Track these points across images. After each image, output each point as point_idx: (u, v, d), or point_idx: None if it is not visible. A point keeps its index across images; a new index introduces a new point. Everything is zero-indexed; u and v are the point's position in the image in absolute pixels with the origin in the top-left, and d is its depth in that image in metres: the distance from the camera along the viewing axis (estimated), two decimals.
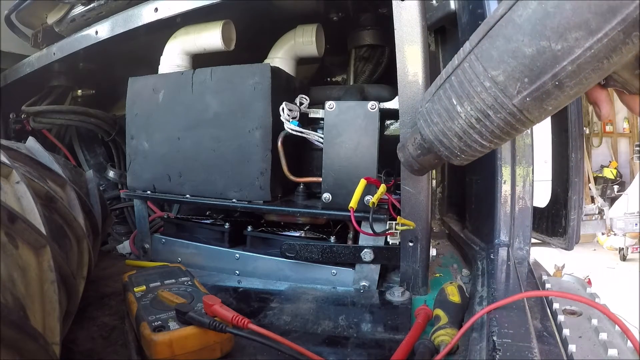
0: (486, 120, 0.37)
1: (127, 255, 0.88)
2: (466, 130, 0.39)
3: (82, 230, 0.51)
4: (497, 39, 0.35)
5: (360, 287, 0.66)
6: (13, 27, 1.09)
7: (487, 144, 0.39)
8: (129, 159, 0.83)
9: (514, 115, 0.36)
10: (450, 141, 0.41)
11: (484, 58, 0.36)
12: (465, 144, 0.40)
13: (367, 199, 0.64)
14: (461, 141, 0.40)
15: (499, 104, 0.36)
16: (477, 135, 0.39)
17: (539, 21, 0.32)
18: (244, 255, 0.73)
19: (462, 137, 0.40)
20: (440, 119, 0.41)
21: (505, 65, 0.35)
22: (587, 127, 5.44)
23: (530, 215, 0.65)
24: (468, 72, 0.38)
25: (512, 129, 0.37)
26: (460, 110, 0.39)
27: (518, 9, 0.34)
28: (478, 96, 0.37)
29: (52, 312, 0.36)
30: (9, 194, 0.40)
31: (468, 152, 0.41)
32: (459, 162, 0.44)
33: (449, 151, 0.42)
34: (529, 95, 0.34)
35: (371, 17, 0.90)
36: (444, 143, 0.42)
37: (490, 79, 0.36)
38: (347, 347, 0.49)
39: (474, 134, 0.39)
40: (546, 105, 0.35)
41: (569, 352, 0.41)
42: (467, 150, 0.41)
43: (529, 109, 0.35)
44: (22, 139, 0.79)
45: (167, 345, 0.42)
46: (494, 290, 0.50)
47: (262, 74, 0.69)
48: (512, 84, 0.35)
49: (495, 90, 0.36)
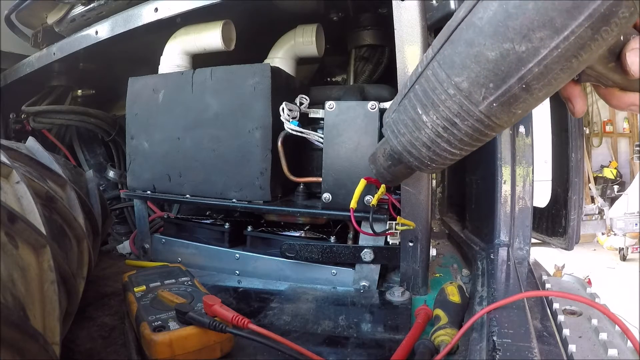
0: (453, 128, 0.36)
1: (127, 255, 0.87)
2: (434, 139, 0.38)
3: (82, 230, 0.51)
4: (458, 43, 0.34)
5: (360, 287, 0.67)
6: (13, 27, 1.09)
7: (457, 151, 0.38)
8: (129, 159, 0.83)
9: (481, 122, 0.35)
10: (419, 151, 0.40)
11: (446, 64, 0.35)
12: (434, 154, 0.39)
13: (367, 199, 0.65)
14: (430, 151, 0.39)
15: (464, 111, 0.35)
16: (445, 144, 0.38)
17: (500, 23, 0.31)
18: (244, 255, 0.73)
19: (430, 146, 0.39)
20: (407, 130, 0.40)
21: (468, 71, 0.33)
22: (587, 127, 5.44)
23: (530, 215, 0.65)
24: (431, 79, 0.36)
25: (482, 135, 0.36)
26: (426, 120, 0.38)
27: (478, 11, 0.32)
28: (443, 104, 0.36)
29: (52, 312, 0.36)
30: (9, 194, 0.40)
31: (438, 162, 0.40)
32: (430, 171, 0.42)
33: (418, 161, 0.41)
34: (496, 100, 0.33)
35: (371, 17, 0.90)
36: (412, 154, 0.40)
37: (454, 86, 0.34)
38: (347, 347, 0.49)
39: (442, 143, 0.38)
40: (515, 109, 0.34)
41: (569, 352, 0.41)
42: (437, 159, 0.40)
43: (497, 114, 0.34)
44: (22, 139, 0.79)
45: (167, 345, 0.42)
46: (494, 290, 0.50)
47: (262, 74, 0.69)
48: (477, 90, 0.33)
49: (460, 98, 0.34)
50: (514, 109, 0.34)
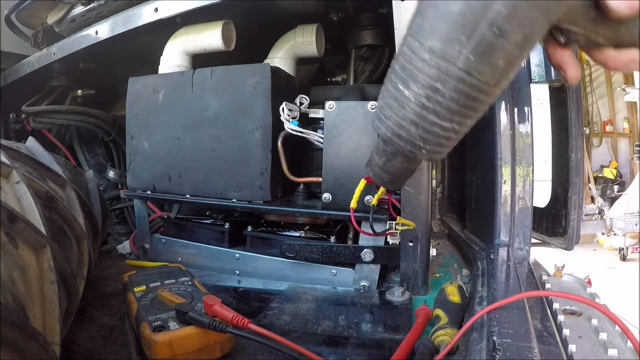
0: (437, 95, 0.34)
1: (127, 255, 0.87)
2: (420, 113, 0.36)
3: (82, 230, 0.51)
4: (426, 10, 0.34)
5: (360, 287, 0.66)
6: (13, 27, 1.09)
7: (449, 124, 0.36)
8: (129, 159, 0.83)
9: (463, 81, 0.33)
10: (408, 132, 0.37)
11: (418, 34, 0.34)
12: (424, 130, 0.37)
13: (367, 199, 0.64)
14: (419, 128, 0.37)
15: (443, 72, 0.33)
16: (433, 116, 0.35)
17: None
18: (244, 255, 0.73)
19: (418, 122, 0.36)
20: (392, 111, 0.38)
21: (439, 31, 0.33)
22: (587, 127, 5.44)
23: (530, 215, 0.65)
24: (407, 53, 0.35)
25: (470, 98, 0.34)
26: (408, 94, 0.36)
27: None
28: (421, 72, 0.34)
29: (52, 312, 0.36)
30: (9, 194, 0.40)
31: (432, 141, 0.37)
32: (427, 157, 0.40)
33: (410, 144, 0.38)
34: (472, 52, 0.32)
35: (371, 17, 0.90)
36: (402, 137, 0.38)
37: (428, 50, 0.33)
38: (347, 347, 0.49)
39: (430, 115, 0.36)
40: (494, 59, 0.32)
41: (569, 352, 0.41)
42: (429, 137, 0.37)
43: (477, 67, 0.33)
44: (22, 139, 0.79)
45: (167, 345, 0.42)
46: (494, 290, 0.50)
47: (262, 74, 0.69)
48: (451, 47, 0.32)
49: (436, 59, 0.33)
50: (494, 60, 0.33)
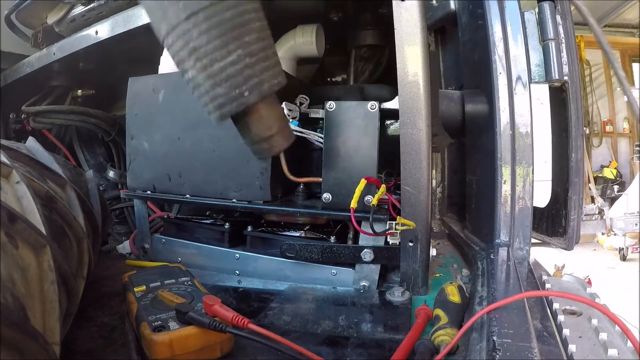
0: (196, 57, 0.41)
1: (127, 255, 0.87)
2: (206, 74, 0.42)
3: (82, 230, 0.51)
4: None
5: (360, 287, 0.66)
6: (13, 27, 1.09)
7: (232, 56, 0.41)
8: (129, 159, 0.83)
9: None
10: (221, 96, 0.42)
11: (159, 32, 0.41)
12: (223, 80, 0.42)
13: (368, 199, 0.64)
14: (219, 84, 0.42)
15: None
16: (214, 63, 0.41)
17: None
18: (244, 255, 0.73)
19: (215, 81, 0.42)
20: (199, 95, 0.44)
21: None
22: (587, 127, 5.44)
23: (530, 215, 0.65)
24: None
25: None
26: (188, 76, 0.43)
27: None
28: (176, 55, 0.42)
29: (52, 312, 0.36)
30: (9, 194, 0.40)
31: (239, 80, 0.42)
32: (258, 95, 0.43)
33: (233, 100, 0.42)
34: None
35: (371, 17, 0.90)
36: (224, 104, 0.43)
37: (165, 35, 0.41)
38: (347, 347, 0.49)
39: (212, 65, 0.41)
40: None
41: (569, 352, 0.41)
42: (235, 81, 0.42)
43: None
44: (22, 139, 0.79)
45: (167, 345, 0.42)
46: (494, 290, 0.50)
47: None
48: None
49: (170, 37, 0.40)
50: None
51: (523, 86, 0.64)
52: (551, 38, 0.62)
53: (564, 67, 0.62)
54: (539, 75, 0.64)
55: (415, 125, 0.59)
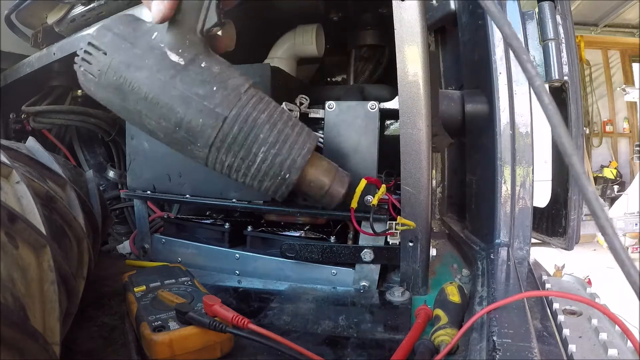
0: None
1: (127, 255, 0.87)
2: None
3: (82, 230, 0.51)
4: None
5: (360, 287, 0.66)
6: (13, 27, 1.09)
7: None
8: (129, 159, 0.83)
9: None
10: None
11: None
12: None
13: (368, 199, 0.64)
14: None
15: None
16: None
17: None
18: (244, 255, 0.73)
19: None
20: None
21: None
22: (587, 127, 5.45)
23: (530, 215, 0.65)
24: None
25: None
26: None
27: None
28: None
29: (52, 312, 0.36)
30: (9, 194, 0.40)
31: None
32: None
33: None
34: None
35: (371, 17, 0.90)
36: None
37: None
38: (347, 347, 0.49)
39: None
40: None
41: (569, 352, 0.41)
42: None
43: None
44: (22, 139, 0.79)
45: (167, 345, 0.42)
46: (494, 290, 0.50)
47: (262, 73, 0.69)
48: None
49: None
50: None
51: (523, 86, 0.64)
52: (551, 38, 0.62)
53: (564, 67, 0.62)
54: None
55: (415, 125, 0.59)
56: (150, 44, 0.48)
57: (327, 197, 0.54)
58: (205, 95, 0.47)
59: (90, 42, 0.48)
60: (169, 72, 0.47)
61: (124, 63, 0.47)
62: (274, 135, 0.49)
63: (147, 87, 0.47)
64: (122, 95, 0.48)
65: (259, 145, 0.49)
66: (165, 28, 0.47)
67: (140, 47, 0.47)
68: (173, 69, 0.47)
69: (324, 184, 0.54)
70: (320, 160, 0.55)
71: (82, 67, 0.50)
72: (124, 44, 0.47)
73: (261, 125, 0.49)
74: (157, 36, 0.48)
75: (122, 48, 0.47)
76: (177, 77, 0.47)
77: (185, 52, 0.48)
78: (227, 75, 0.49)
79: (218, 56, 0.52)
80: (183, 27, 0.47)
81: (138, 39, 0.48)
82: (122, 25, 0.49)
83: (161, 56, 0.47)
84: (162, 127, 0.49)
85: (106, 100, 0.50)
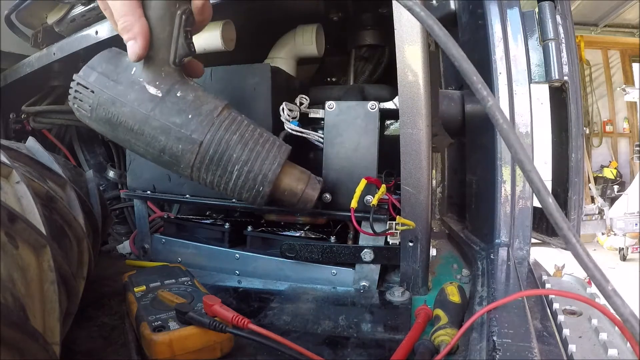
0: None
1: (127, 255, 0.87)
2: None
3: (82, 230, 0.51)
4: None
5: (360, 287, 0.67)
6: (13, 27, 1.09)
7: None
8: (129, 159, 0.83)
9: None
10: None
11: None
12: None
13: (368, 199, 0.64)
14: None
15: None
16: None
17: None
18: (244, 255, 0.73)
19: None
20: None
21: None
22: (587, 127, 5.45)
23: (530, 215, 0.64)
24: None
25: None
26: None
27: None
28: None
29: (52, 312, 0.37)
30: (9, 194, 0.40)
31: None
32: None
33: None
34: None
35: (371, 17, 0.90)
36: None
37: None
38: (347, 347, 0.49)
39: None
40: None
41: (569, 352, 0.41)
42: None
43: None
44: (22, 139, 0.79)
45: (167, 345, 0.43)
46: (494, 290, 0.50)
47: (262, 74, 0.69)
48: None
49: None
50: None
51: (523, 86, 0.64)
52: (551, 38, 0.62)
53: (564, 67, 0.62)
54: (539, 75, 0.64)
55: (415, 125, 0.59)
56: (130, 79, 0.53)
57: (301, 202, 0.60)
58: (182, 124, 0.53)
59: (78, 82, 0.54)
60: (149, 105, 0.52)
61: (109, 100, 0.52)
62: (246, 153, 0.55)
63: (132, 121, 0.52)
64: (112, 127, 0.54)
65: (232, 164, 0.55)
66: (141, 63, 0.52)
67: (122, 83, 0.53)
68: (152, 101, 0.52)
69: (297, 191, 0.59)
70: (292, 169, 0.60)
71: (75, 104, 0.55)
72: (108, 82, 0.53)
73: (234, 145, 0.55)
74: (136, 71, 0.53)
75: (106, 86, 0.53)
76: (156, 108, 0.52)
77: (162, 84, 0.53)
78: (200, 101, 0.54)
79: (193, 82, 0.57)
80: (157, 60, 0.52)
81: (120, 75, 0.53)
82: (104, 63, 0.54)
83: (141, 90, 0.52)
84: (150, 152, 0.55)
85: (100, 131, 0.56)
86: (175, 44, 0.51)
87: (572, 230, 0.26)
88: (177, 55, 0.52)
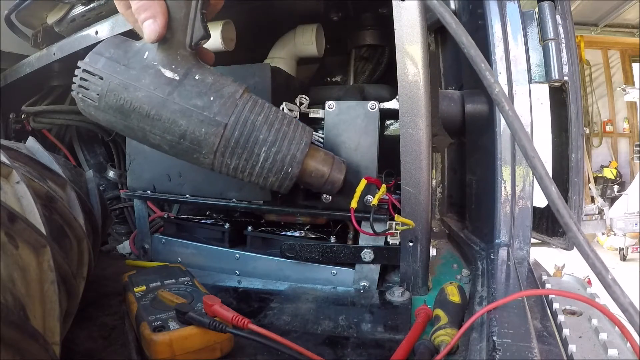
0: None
1: (127, 255, 0.88)
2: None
3: (82, 230, 0.51)
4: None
5: (360, 287, 0.66)
6: (13, 27, 1.09)
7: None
8: (129, 159, 0.83)
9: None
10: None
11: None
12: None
13: (368, 199, 0.64)
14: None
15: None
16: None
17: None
18: (244, 255, 0.73)
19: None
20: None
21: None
22: (587, 127, 5.45)
23: (530, 215, 0.64)
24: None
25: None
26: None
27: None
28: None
29: (52, 312, 0.36)
30: (9, 194, 0.40)
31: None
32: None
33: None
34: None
35: (371, 17, 0.90)
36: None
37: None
38: (347, 347, 0.49)
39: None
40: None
41: (569, 352, 0.41)
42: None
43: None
44: (22, 139, 0.78)
45: (167, 345, 0.43)
46: (494, 290, 0.50)
47: (262, 74, 0.69)
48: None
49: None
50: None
51: (523, 86, 0.64)
52: (551, 38, 0.62)
53: (564, 67, 0.62)
54: (539, 75, 0.64)
55: (415, 125, 0.59)
56: (143, 63, 0.50)
57: (328, 184, 0.58)
58: (204, 106, 0.50)
59: (84, 69, 0.51)
60: (166, 88, 0.49)
61: (121, 85, 0.49)
62: (273, 134, 0.53)
63: (148, 105, 0.49)
64: (124, 115, 0.51)
65: (260, 145, 0.52)
66: (155, 47, 0.50)
67: (134, 68, 0.50)
68: (170, 85, 0.50)
69: (324, 172, 0.58)
70: (317, 152, 0.59)
71: (80, 93, 0.52)
72: (119, 67, 0.50)
73: (259, 126, 0.52)
74: (149, 55, 0.50)
75: (117, 71, 0.50)
76: (174, 92, 0.50)
77: (179, 67, 0.50)
78: (220, 84, 0.52)
79: (209, 66, 0.54)
80: (173, 43, 0.50)
81: (131, 60, 0.50)
82: (112, 48, 0.51)
83: (156, 74, 0.50)
84: (167, 140, 0.52)
85: (108, 122, 0.53)
86: (192, 26, 0.49)
87: (573, 219, 0.26)
88: (193, 38, 0.49)
